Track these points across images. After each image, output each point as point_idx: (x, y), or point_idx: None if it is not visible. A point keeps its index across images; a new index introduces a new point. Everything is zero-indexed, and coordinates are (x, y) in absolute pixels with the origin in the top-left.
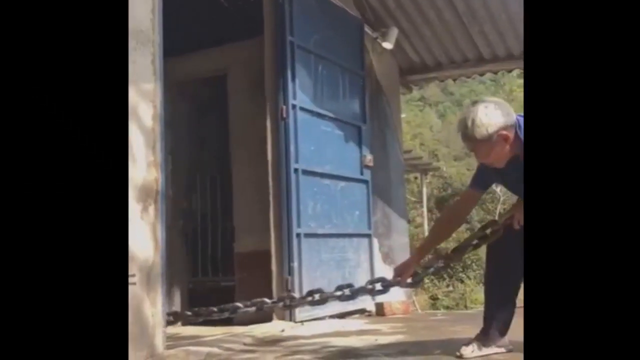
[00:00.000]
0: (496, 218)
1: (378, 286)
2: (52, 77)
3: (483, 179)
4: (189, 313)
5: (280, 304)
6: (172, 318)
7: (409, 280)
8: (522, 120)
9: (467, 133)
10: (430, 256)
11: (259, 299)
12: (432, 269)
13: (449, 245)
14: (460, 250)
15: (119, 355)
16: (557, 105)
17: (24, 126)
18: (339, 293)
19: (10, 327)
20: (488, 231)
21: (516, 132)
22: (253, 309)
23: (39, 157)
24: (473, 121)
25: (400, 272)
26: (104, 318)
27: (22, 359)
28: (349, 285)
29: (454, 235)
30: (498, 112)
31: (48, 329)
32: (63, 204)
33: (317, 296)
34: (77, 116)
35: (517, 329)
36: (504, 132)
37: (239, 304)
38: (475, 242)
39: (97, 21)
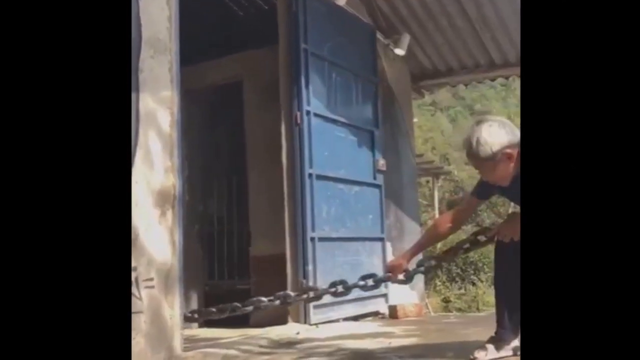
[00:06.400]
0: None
1: (370, 282)
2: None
3: (484, 189)
4: (214, 310)
5: (304, 296)
6: (196, 315)
7: (401, 277)
8: None
9: (471, 152)
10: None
11: (282, 292)
12: (422, 268)
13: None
14: (453, 252)
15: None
16: (554, 113)
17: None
18: (362, 283)
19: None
20: (480, 237)
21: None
22: (277, 302)
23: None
24: (477, 140)
25: (391, 268)
26: (109, 319)
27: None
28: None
29: None
30: (502, 131)
31: (52, 330)
32: (69, 206)
33: (340, 287)
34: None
35: None
36: (508, 151)
37: (263, 298)
38: (466, 246)
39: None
